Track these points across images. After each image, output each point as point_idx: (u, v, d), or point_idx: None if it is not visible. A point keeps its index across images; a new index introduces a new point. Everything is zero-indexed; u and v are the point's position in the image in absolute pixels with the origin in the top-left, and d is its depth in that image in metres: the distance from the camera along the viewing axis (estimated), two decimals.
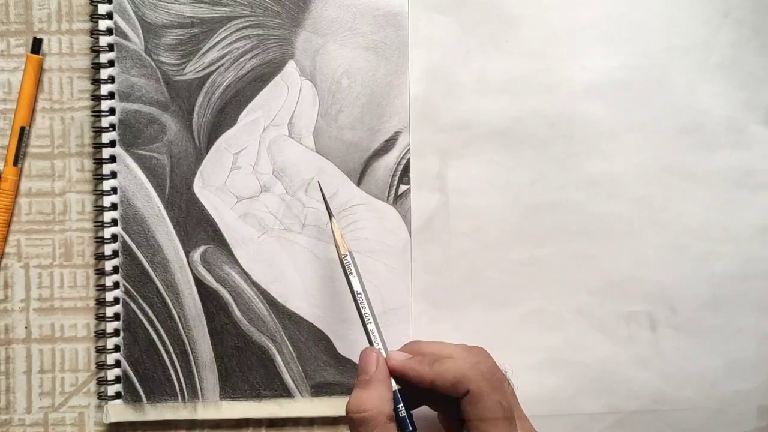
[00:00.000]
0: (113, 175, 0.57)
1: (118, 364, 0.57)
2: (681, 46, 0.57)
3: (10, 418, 0.58)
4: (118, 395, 0.57)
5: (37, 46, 0.57)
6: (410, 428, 0.47)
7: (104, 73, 0.56)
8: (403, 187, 0.57)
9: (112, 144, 0.57)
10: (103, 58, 0.56)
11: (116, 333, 0.57)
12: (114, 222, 0.57)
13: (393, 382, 0.48)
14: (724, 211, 0.56)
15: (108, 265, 0.57)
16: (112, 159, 0.57)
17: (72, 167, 0.58)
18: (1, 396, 0.58)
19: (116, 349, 0.57)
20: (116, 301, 0.57)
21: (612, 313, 0.57)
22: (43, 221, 0.58)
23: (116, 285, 0.57)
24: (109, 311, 0.57)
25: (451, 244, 0.57)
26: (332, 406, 0.57)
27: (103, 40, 0.56)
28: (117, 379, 0.57)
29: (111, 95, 0.57)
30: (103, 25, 0.56)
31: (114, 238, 0.57)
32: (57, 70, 0.58)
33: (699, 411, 0.57)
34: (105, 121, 0.57)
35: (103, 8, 0.57)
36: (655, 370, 0.56)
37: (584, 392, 0.56)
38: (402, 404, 0.47)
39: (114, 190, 0.57)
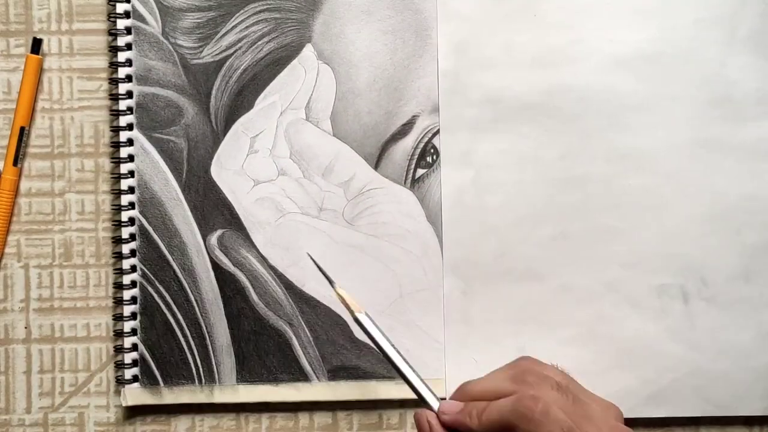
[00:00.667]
0: (130, 158, 0.57)
1: (135, 347, 0.57)
2: (709, 18, 0.57)
3: (10, 419, 0.58)
4: (135, 379, 0.57)
5: (36, 46, 0.57)
6: None
7: (122, 56, 0.56)
8: (420, 171, 0.57)
9: (130, 127, 0.57)
10: (121, 41, 0.56)
11: (133, 316, 0.57)
12: (131, 205, 0.57)
13: None
14: (754, 182, 0.56)
15: (125, 249, 0.57)
16: (130, 142, 0.57)
17: (72, 167, 0.58)
18: (1, 396, 0.58)
19: (133, 332, 0.57)
20: (133, 284, 0.57)
21: (643, 287, 0.57)
22: (43, 221, 0.58)
23: (133, 269, 0.57)
24: (126, 294, 0.57)
25: (481, 219, 0.57)
26: (349, 390, 0.57)
27: (121, 24, 0.56)
28: (134, 363, 0.57)
29: (128, 78, 0.57)
30: (120, 8, 0.56)
31: (131, 221, 0.57)
32: (57, 70, 0.58)
33: (733, 383, 0.57)
34: (122, 105, 0.57)
35: None
36: (687, 343, 0.56)
37: (617, 366, 0.56)
38: None
39: (131, 174, 0.57)
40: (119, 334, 0.57)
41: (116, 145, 0.57)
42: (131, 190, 0.57)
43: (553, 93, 0.57)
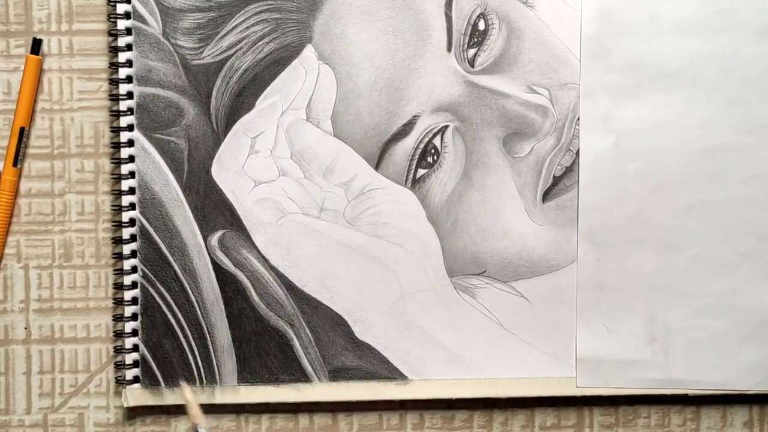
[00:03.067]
0: (131, 159, 0.57)
1: (136, 348, 0.57)
2: None
3: (10, 419, 0.58)
4: (136, 379, 0.57)
5: (36, 46, 0.57)
6: None
7: (122, 57, 0.56)
8: (421, 171, 0.57)
9: (130, 128, 0.57)
10: (121, 42, 0.56)
11: (134, 317, 0.57)
12: (132, 206, 0.57)
13: None
14: None
15: (126, 249, 0.57)
16: (130, 143, 0.57)
17: (72, 168, 0.58)
18: (1, 397, 0.58)
19: (134, 333, 0.57)
20: (134, 285, 0.57)
21: None
22: (43, 222, 0.58)
23: (134, 269, 0.57)
24: (127, 295, 0.57)
25: (618, 185, 0.57)
26: (350, 391, 0.57)
27: (121, 24, 0.56)
28: (135, 364, 0.57)
29: (128, 79, 0.56)
30: (120, 8, 0.56)
31: (132, 222, 0.57)
32: (57, 71, 0.58)
33: None
34: (123, 105, 0.56)
35: None
36: None
37: (750, 338, 0.56)
38: None
39: (132, 174, 0.57)
40: (119, 335, 0.57)
41: (116, 145, 0.57)
42: (132, 190, 0.57)
43: (696, 61, 0.57)
